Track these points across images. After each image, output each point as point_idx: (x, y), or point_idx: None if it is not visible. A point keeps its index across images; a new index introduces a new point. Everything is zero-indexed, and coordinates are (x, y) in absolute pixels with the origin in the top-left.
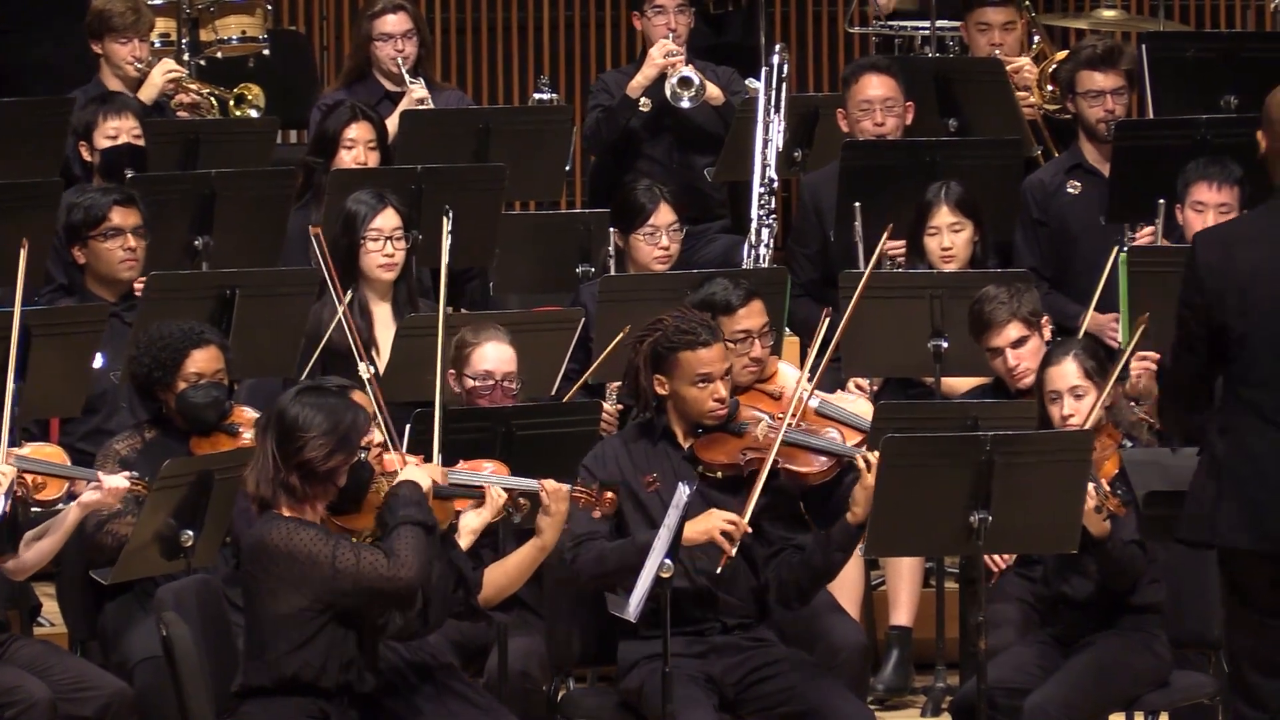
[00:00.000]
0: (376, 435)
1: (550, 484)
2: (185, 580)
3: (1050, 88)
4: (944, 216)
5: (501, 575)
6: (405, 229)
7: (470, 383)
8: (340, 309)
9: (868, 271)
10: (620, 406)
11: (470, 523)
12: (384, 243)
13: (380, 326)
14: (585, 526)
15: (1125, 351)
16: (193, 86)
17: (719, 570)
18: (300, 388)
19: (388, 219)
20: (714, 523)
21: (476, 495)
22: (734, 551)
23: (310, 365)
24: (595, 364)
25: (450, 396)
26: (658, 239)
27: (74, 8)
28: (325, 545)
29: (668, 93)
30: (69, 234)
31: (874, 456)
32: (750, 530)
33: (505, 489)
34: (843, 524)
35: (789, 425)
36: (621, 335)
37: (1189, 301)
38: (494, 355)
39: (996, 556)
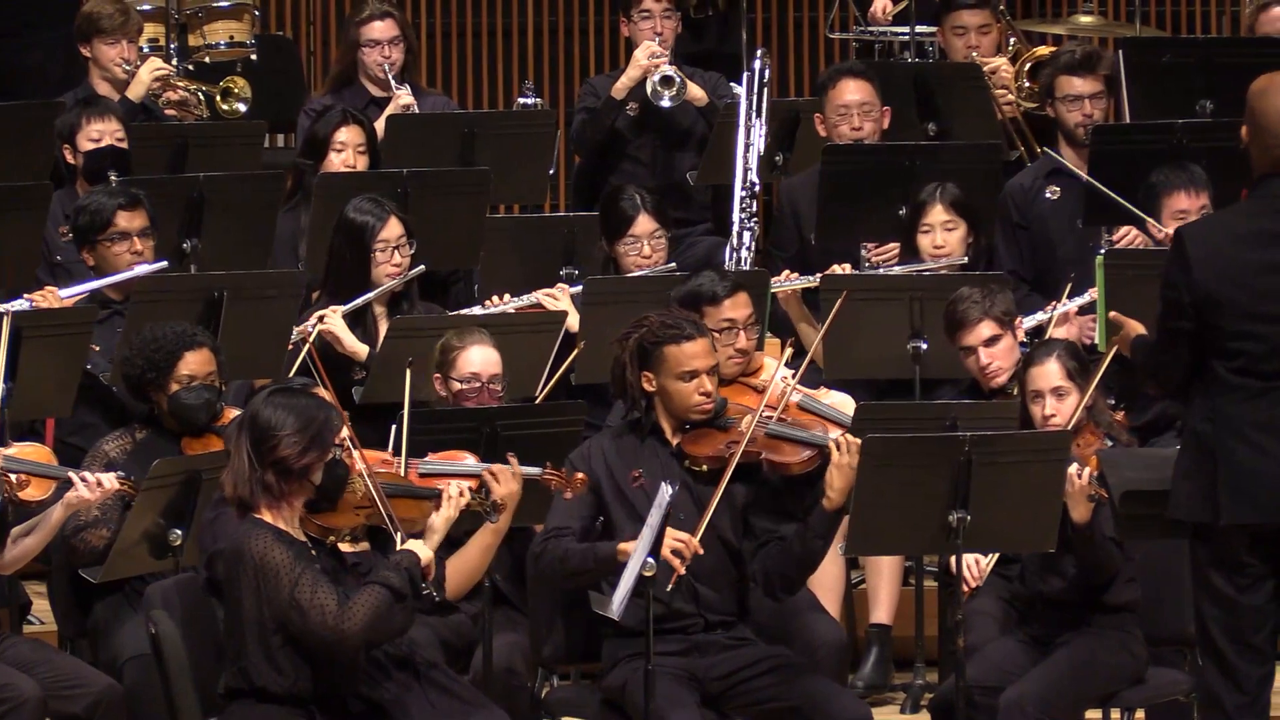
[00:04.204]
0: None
1: (496, 467)
2: (174, 579)
3: (1028, 84)
4: (938, 215)
5: (463, 564)
6: (408, 235)
7: (457, 385)
8: (306, 346)
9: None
10: None
11: (434, 523)
12: (391, 252)
13: (385, 331)
14: (559, 520)
15: (1106, 354)
16: (180, 84)
17: (669, 588)
18: (270, 390)
19: (393, 229)
20: (664, 543)
21: (430, 495)
22: (684, 570)
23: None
24: (568, 361)
25: (436, 399)
26: (640, 248)
27: (65, 12)
28: (291, 571)
29: (649, 91)
30: (78, 237)
31: (845, 439)
32: (701, 550)
33: (452, 474)
34: (819, 510)
35: (771, 416)
36: (577, 351)
37: (1176, 301)
38: (479, 358)
39: (972, 569)
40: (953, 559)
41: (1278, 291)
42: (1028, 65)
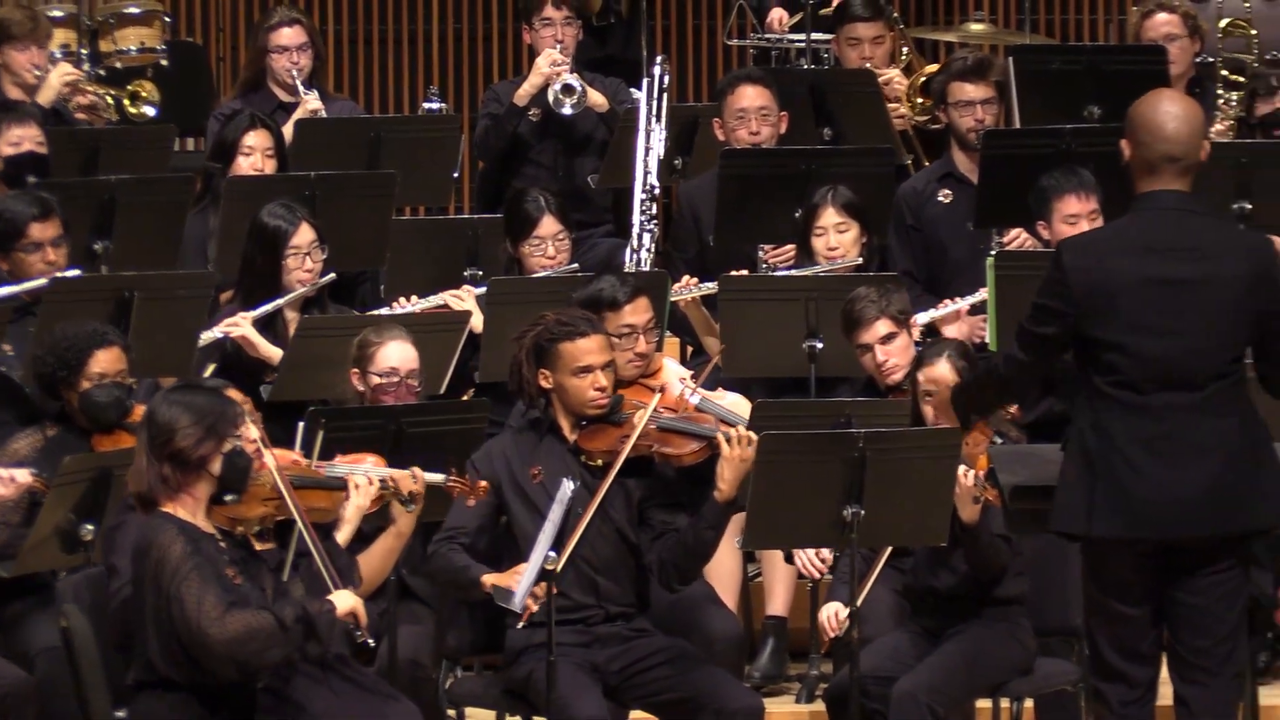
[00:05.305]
0: (253, 430)
1: (397, 473)
2: (84, 573)
3: (920, 99)
4: (830, 217)
5: (365, 568)
6: (319, 241)
7: (375, 380)
8: (208, 363)
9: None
10: None
11: (345, 513)
12: (303, 258)
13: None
14: (456, 520)
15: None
16: (89, 88)
17: (520, 625)
18: (170, 387)
19: (305, 234)
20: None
21: (338, 486)
22: (536, 608)
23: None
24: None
25: (352, 395)
26: (544, 249)
27: None
28: (185, 565)
29: (550, 99)
30: None
31: (736, 432)
32: (557, 590)
33: (365, 477)
34: (711, 502)
35: (660, 410)
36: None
37: (1052, 309)
38: (398, 354)
39: (830, 621)
40: (824, 613)
41: (1155, 305)
42: (920, 80)
